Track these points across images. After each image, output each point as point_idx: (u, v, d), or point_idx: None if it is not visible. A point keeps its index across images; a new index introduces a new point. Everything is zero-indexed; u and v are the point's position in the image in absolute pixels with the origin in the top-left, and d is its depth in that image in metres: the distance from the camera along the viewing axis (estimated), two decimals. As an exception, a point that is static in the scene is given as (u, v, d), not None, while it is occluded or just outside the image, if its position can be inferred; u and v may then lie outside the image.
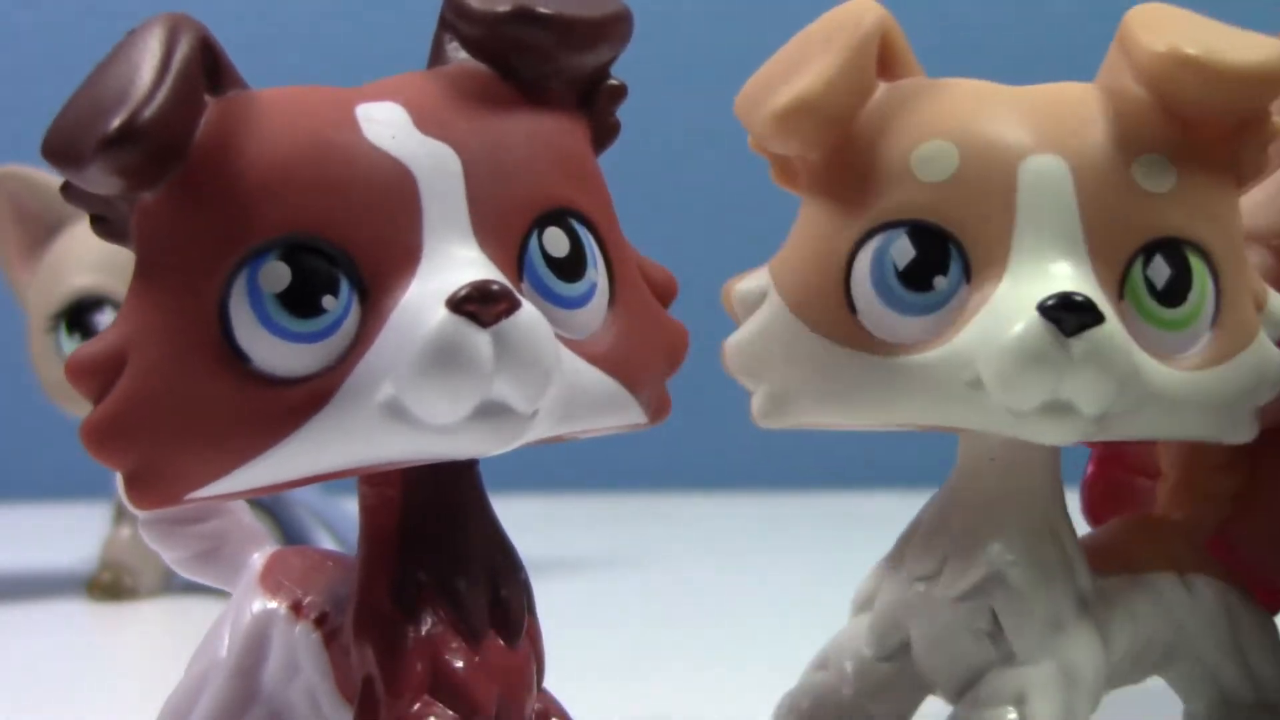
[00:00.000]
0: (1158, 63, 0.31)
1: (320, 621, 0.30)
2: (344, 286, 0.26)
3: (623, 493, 1.05)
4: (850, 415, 0.32)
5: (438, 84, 0.28)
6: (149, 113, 0.26)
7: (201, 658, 0.32)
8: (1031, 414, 0.30)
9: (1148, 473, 0.39)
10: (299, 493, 0.63)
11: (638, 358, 0.29)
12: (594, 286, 0.29)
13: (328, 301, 0.26)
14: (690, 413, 0.47)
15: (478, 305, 0.26)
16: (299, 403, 0.26)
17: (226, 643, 0.31)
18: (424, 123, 0.27)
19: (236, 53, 0.28)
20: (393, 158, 0.27)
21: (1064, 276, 0.30)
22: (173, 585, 0.66)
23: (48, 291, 0.62)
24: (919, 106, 0.32)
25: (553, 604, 0.33)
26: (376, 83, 0.28)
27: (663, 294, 0.31)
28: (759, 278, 0.33)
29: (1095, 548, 0.35)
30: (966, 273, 0.31)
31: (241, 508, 0.34)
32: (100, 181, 0.26)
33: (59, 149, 0.27)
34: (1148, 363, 0.31)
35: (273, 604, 0.31)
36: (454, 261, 0.26)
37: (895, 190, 0.31)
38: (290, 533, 0.63)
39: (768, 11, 1.09)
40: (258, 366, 0.26)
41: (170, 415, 0.26)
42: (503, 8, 0.28)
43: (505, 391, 0.26)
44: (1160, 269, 0.31)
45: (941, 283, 0.31)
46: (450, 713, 0.28)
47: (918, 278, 0.31)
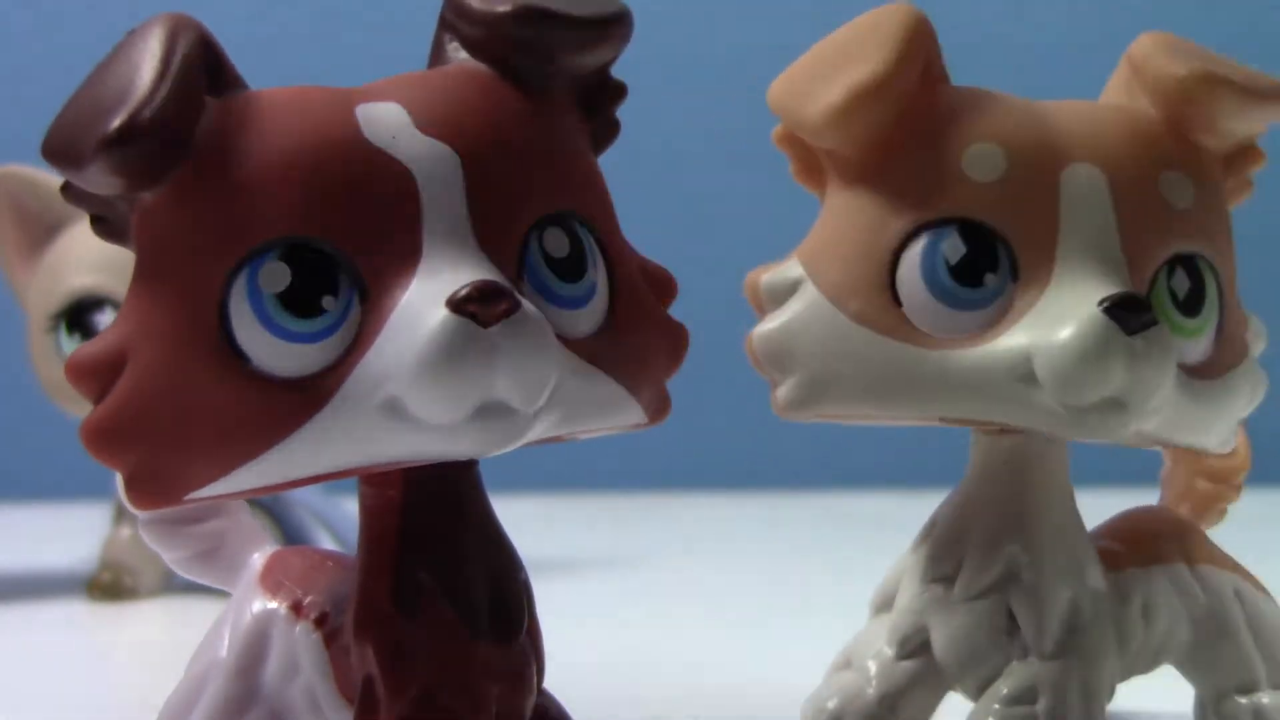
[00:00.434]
0: (1181, 83, 0.33)
1: (320, 621, 0.30)
2: (344, 287, 0.26)
3: (623, 493, 1.05)
4: (890, 408, 0.32)
5: (438, 84, 0.28)
6: (149, 113, 0.26)
7: (201, 658, 0.32)
8: (1086, 410, 0.30)
9: None
10: (299, 493, 0.63)
11: (638, 358, 0.29)
12: (594, 287, 0.29)
13: (328, 302, 0.26)
14: (690, 413, 0.47)
15: (478, 305, 0.26)
16: (299, 403, 0.26)
17: (226, 643, 0.31)
18: (424, 123, 0.27)
19: (236, 53, 0.28)
20: (393, 158, 0.27)
21: (1116, 278, 0.31)
22: (173, 585, 0.66)
23: (48, 291, 0.62)
24: (968, 111, 0.32)
25: (553, 604, 0.33)
26: (377, 83, 0.28)
27: (663, 293, 0.31)
28: (790, 268, 0.33)
29: (1105, 544, 0.35)
30: (1014, 271, 0.31)
31: (241, 508, 0.34)
32: (100, 182, 0.26)
33: (59, 149, 0.27)
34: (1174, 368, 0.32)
35: (273, 604, 0.31)
36: (454, 262, 0.26)
37: (945, 189, 0.32)
38: (290, 533, 0.63)
39: (769, 11, 1.09)
40: (258, 366, 0.26)
41: (170, 415, 0.26)
42: (504, 8, 0.28)
43: (505, 392, 0.26)
44: (1181, 280, 0.32)
45: (991, 280, 0.31)
46: (450, 713, 0.28)
47: (970, 273, 0.31)
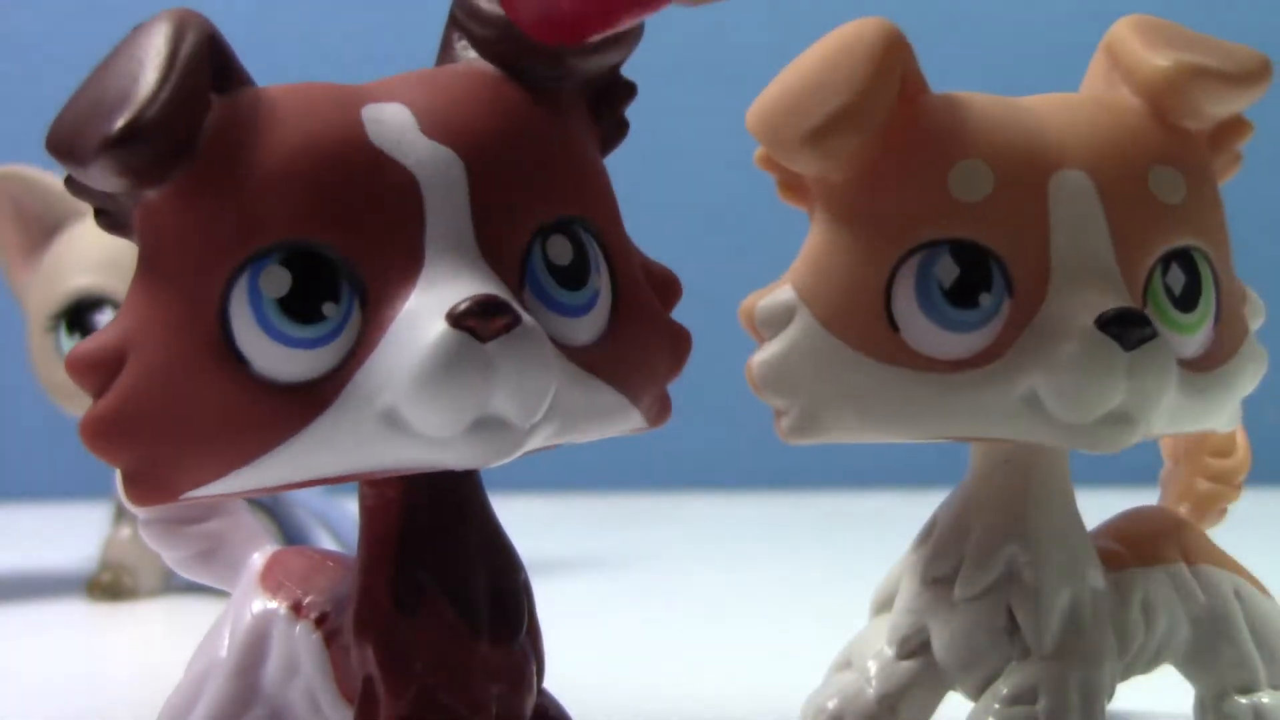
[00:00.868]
0: (1163, 75, 0.32)
1: (320, 621, 0.30)
2: (345, 293, 0.26)
3: (623, 493, 1.05)
4: (895, 432, 0.32)
5: (445, 84, 0.28)
6: (153, 112, 0.26)
7: (201, 658, 0.32)
8: (1090, 426, 0.30)
9: None
10: (299, 493, 0.63)
11: (639, 365, 0.29)
12: (596, 295, 0.28)
13: (328, 308, 0.26)
14: (690, 413, 0.47)
15: (477, 320, 0.25)
16: (298, 408, 0.26)
17: (226, 643, 0.31)
18: (430, 126, 0.27)
19: (242, 49, 0.28)
20: (397, 163, 0.27)
21: (1111, 291, 0.31)
22: (173, 585, 0.66)
23: (48, 291, 0.62)
24: (948, 124, 0.32)
25: (553, 604, 0.33)
26: (384, 81, 0.28)
27: (666, 294, 0.30)
28: (782, 294, 0.32)
29: (1105, 543, 0.35)
30: (1009, 288, 0.31)
31: (241, 507, 0.34)
32: (103, 180, 0.26)
33: (62, 145, 0.26)
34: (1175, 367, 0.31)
35: (273, 604, 0.31)
36: (455, 272, 0.26)
37: (933, 209, 0.31)
38: (290, 533, 0.63)
39: (770, 12, 1.09)
40: (257, 370, 0.26)
41: (169, 414, 0.26)
42: (514, 11, 0.28)
43: (503, 406, 0.26)
44: (1177, 277, 0.32)
45: (986, 299, 0.31)
46: (450, 713, 0.28)
47: (964, 295, 0.31)
